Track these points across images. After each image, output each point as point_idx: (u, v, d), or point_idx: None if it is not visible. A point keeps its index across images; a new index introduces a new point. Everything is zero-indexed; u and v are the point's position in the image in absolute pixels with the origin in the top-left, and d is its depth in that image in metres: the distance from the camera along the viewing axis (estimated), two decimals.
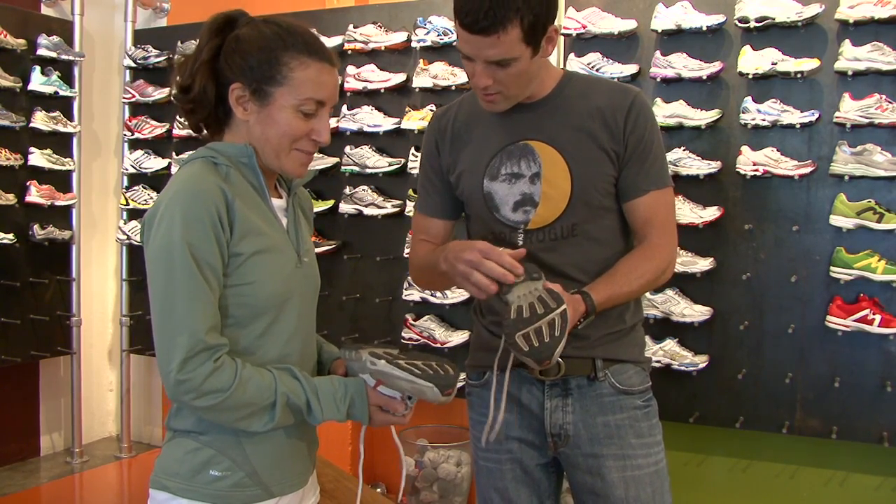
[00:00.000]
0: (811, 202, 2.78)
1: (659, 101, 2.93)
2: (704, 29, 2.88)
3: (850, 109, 2.66)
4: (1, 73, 3.83)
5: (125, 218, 4.21)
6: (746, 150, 2.81)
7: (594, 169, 1.66)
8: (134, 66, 4.19)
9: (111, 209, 4.49)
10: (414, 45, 3.39)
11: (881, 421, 2.71)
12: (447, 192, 1.80)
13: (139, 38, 4.27)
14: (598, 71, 2.99)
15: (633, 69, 2.98)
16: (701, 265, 2.87)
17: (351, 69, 3.49)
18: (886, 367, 2.70)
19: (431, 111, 3.27)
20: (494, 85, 1.58)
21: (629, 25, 2.99)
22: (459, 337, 3.25)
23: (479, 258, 1.50)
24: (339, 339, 3.38)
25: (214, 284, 1.29)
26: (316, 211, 3.08)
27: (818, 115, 2.72)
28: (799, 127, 2.75)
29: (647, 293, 2.85)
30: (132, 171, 4.15)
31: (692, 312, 2.88)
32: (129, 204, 4.15)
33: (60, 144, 4.11)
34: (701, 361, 2.88)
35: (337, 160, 3.51)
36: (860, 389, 2.74)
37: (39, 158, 3.97)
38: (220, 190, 1.30)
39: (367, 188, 3.46)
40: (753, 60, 2.78)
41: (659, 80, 2.95)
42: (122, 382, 4.34)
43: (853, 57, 2.66)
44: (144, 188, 4.13)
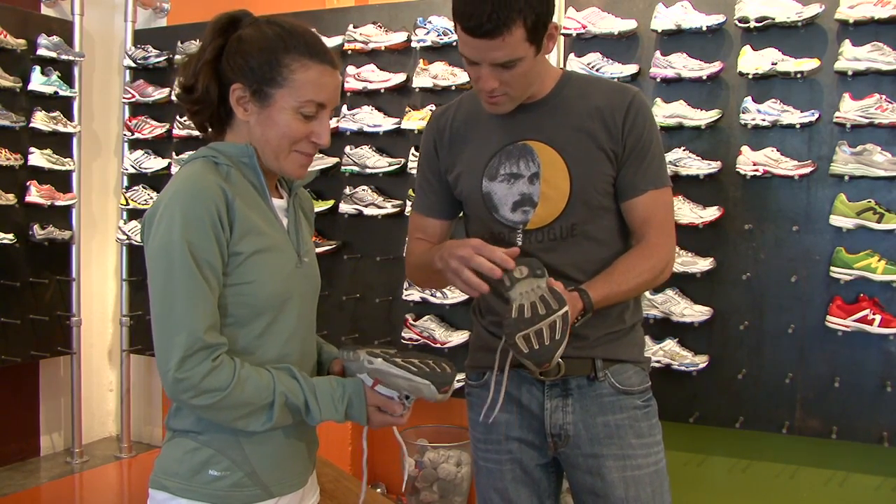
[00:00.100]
0: (811, 202, 2.78)
1: (659, 101, 2.93)
2: (704, 29, 2.88)
3: (850, 109, 2.66)
4: (1, 73, 3.84)
5: (125, 218, 4.21)
6: (746, 150, 2.81)
7: (593, 169, 1.66)
8: (134, 66, 4.19)
9: (111, 209, 4.49)
10: (414, 45, 3.39)
11: (881, 421, 2.71)
12: (445, 192, 1.80)
13: (139, 38, 4.27)
14: (598, 71, 2.99)
15: (633, 69, 2.98)
16: (701, 265, 2.87)
17: (351, 69, 3.49)
18: (886, 367, 2.70)
19: (431, 111, 3.27)
20: (500, 87, 1.58)
21: (629, 25, 2.99)
22: (459, 337, 3.25)
23: (470, 254, 1.50)
24: (339, 339, 3.39)
25: (214, 283, 1.29)
26: (316, 211, 3.08)
27: (818, 115, 2.72)
28: (799, 127, 2.75)
29: (646, 293, 2.86)
30: (132, 171, 4.15)
31: (692, 312, 2.88)
32: (129, 204, 4.15)
33: (60, 144, 4.11)
34: (701, 361, 2.88)
35: (337, 160, 3.51)
36: (860, 389, 2.74)
37: (39, 158, 3.97)
38: (220, 189, 1.30)
39: (367, 188, 3.46)
40: (753, 60, 2.78)
41: (659, 80, 2.95)
42: (122, 382, 4.34)
43: (853, 57, 2.66)
44: (144, 188, 4.14)
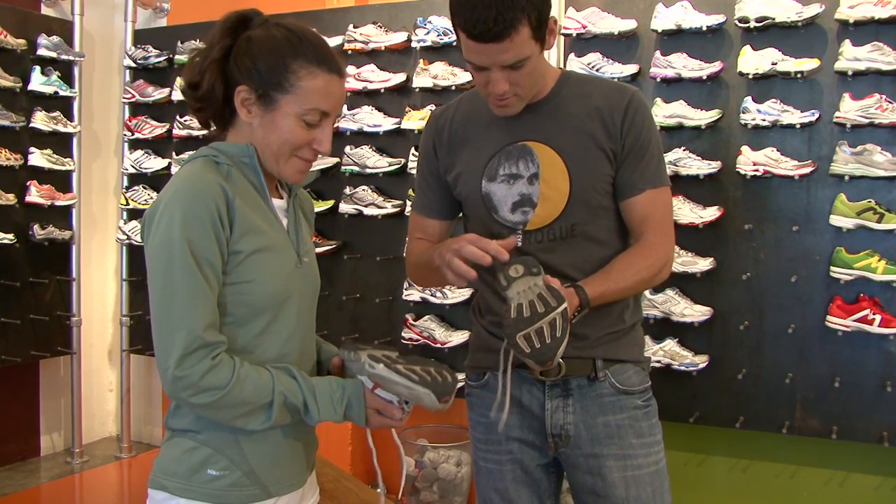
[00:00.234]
0: (811, 202, 2.78)
1: (659, 101, 2.93)
2: (704, 29, 2.88)
3: (850, 109, 2.66)
4: (1, 73, 3.84)
5: (125, 218, 4.21)
6: (746, 150, 2.81)
7: (593, 169, 1.66)
8: (134, 66, 4.19)
9: (111, 209, 4.49)
10: (414, 45, 3.39)
11: (881, 421, 2.71)
12: (444, 192, 1.79)
13: (139, 38, 4.27)
14: (598, 71, 2.99)
15: (633, 69, 2.98)
16: (701, 265, 2.87)
17: (351, 69, 3.49)
18: (886, 367, 2.70)
19: (431, 111, 3.27)
20: (511, 88, 1.58)
21: (629, 25, 2.99)
22: (459, 337, 3.25)
23: (463, 244, 1.51)
24: (339, 339, 3.39)
25: (213, 282, 1.29)
26: (316, 211, 3.08)
27: (818, 115, 2.72)
28: (799, 127, 2.75)
29: (646, 293, 2.86)
30: (132, 171, 4.15)
31: (692, 312, 2.88)
32: (129, 204, 4.16)
33: (60, 144, 4.11)
34: (701, 361, 2.88)
35: (337, 160, 3.51)
36: (860, 389, 2.73)
37: (39, 158, 3.97)
38: (220, 188, 1.31)
39: (367, 188, 3.46)
40: (753, 60, 2.78)
41: (659, 80, 2.95)
42: (122, 382, 4.34)
43: (853, 57, 2.66)
44: (144, 188, 4.14)
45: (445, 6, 1.58)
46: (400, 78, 3.42)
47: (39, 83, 3.98)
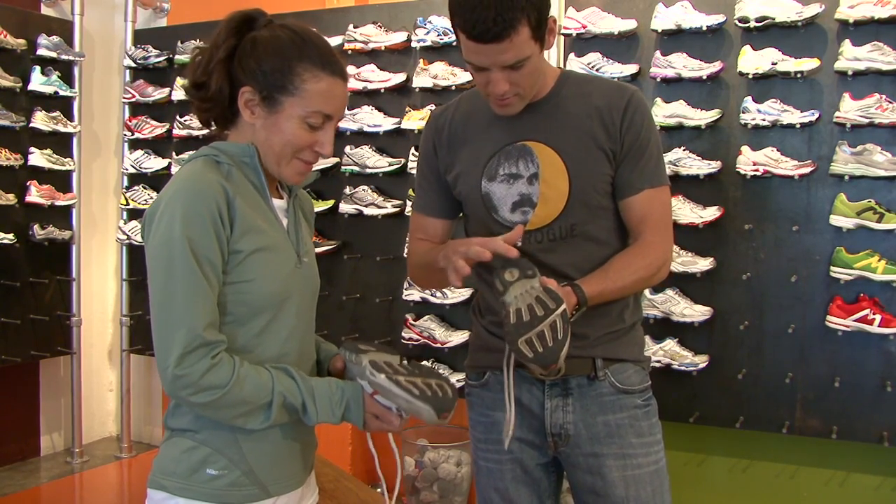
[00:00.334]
0: (811, 202, 2.78)
1: (659, 101, 2.93)
2: (704, 29, 2.88)
3: (850, 109, 2.66)
4: (1, 73, 3.84)
5: (125, 218, 4.21)
6: (746, 150, 2.81)
7: (592, 169, 1.66)
8: (134, 66, 4.19)
9: (111, 209, 4.49)
10: (414, 45, 3.39)
11: (881, 421, 2.71)
12: (445, 191, 1.79)
13: (139, 38, 4.27)
14: (598, 71, 2.99)
15: (633, 69, 2.98)
16: (701, 265, 2.87)
17: (351, 69, 3.49)
18: (886, 367, 2.70)
19: (431, 111, 3.27)
20: (511, 88, 1.58)
21: (629, 25, 2.99)
22: (459, 337, 3.25)
23: (470, 246, 1.50)
24: (339, 339, 3.38)
25: (214, 281, 1.29)
26: (316, 211, 3.08)
27: (818, 115, 2.72)
28: (799, 127, 2.75)
29: (646, 292, 2.86)
30: (132, 171, 4.15)
31: (692, 312, 2.88)
32: (129, 204, 4.15)
33: (60, 144, 4.11)
34: (701, 361, 2.88)
35: (337, 160, 3.51)
36: (860, 389, 2.73)
37: (39, 158, 3.97)
38: (221, 187, 1.31)
39: (367, 188, 3.46)
40: (753, 60, 2.78)
41: (659, 80, 2.95)
42: (122, 382, 4.34)
43: (853, 57, 2.66)
44: (144, 188, 4.14)
45: (445, 6, 1.58)
46: (400, 78, 3.42)
47: (39, 83, 3.98)
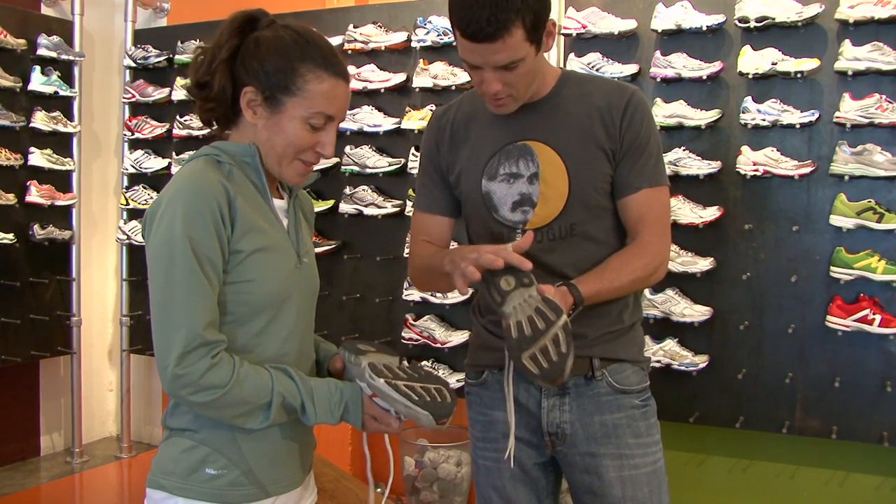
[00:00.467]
0: (811, 202, 2.78)
1: (659, 101, 2.93)
2: (704, 29, 2.88)
3: (850, 109, 2.66)
4: (1, 73, 3.84)
5: (125, 218, 4.21)
6: (746, 150, 2.81)
7: (592, 169, 1.66)
8: (134, 66, 4.19)
9: (111, 209, 4.49)
10: (414, 45, 3.39)
11: (881, 421, 2.71)
12: (448, 189, 1.79)
13: (139, 38, 4.27)
14: (598, 71, 2.98)
15: (633, 69, 2.98)
16: (701, 265, 2.87)
17: (351, 69, 3.46)
18: (886, 367, 2.70)
19: (431, 111, 3.27)
20: (505, 89, 1.58)
21: (629, 25, 2.99)
22: (459, 337, 3.25)
23: (482, 253, 1.48)
24: (339, 339, 3.39)
25: (214, 280, 1.29)
26: (316, 211, 3.08)
27: (818, 115, 2.72)
28: (799, 127, 2.75)
29: (646, 292, 2.86)
30: (132, 171, 4.15)
31: (692, 312, 2.88)
32: (129, 204, 4.15)
33: (60, 144, 4.11)
34: (701, 361, 2.88)
35: (337, 160, 3.51)
36: (860, 389, 2.73)
37: (39, 158, 3.97)
38: (221, 187, 1.31)
39: (367, 188, 3.46)
40: (753, 60, 2.78)
41: (659, 80, 2.95)
42: (122, 382, 4.34)
43: (853, 57, 2.66)
44: (144, 188, 4.14)
45: (445, 6, 1.58)
46: (400, 78, 3.42)
47: (39, 83, 3.98)
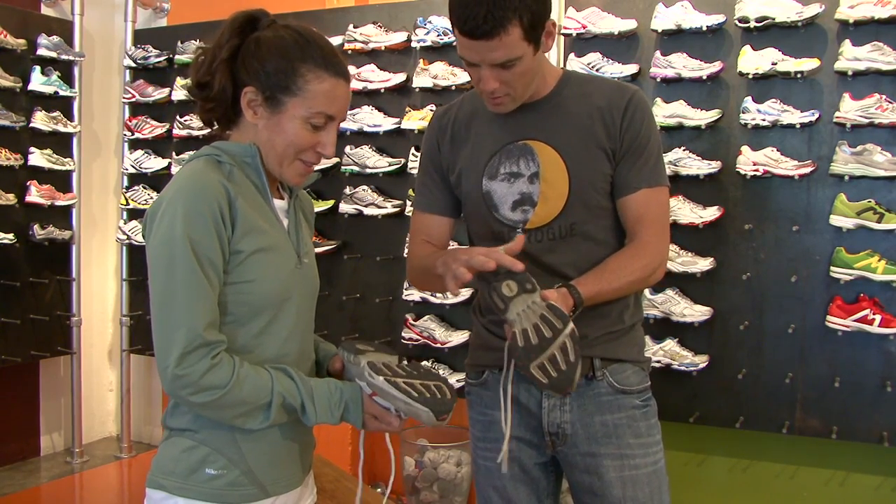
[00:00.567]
0: (811, 202, 2.78)
1: (659, 101, 2.93)
2: (704, 29, 2.88)
3: (850, 109, 2.66)
4: (1, 73, 3.84)
5: (125, 218, 4.21)
6: (746, 150, 2.81)
7: (592, 169, 1.66)
8: (134, 66, 4.19)
9: (111, 209, 4.49)
10: (414, 45, 3.39)
11: (881, 421, 2.71)
12: (448, 189, 1.79)
13: (139, 38, 4.27)
14: (598, 71, 2.99)
15: (633, 69, 2.98)
16: (701, 265, 2.87)
17: (351, 69, 3.47)
18: (886, 367, 2.70)
19: (431, 111, 3.27)
20: (502, 87, 1.58)
21: (629, 25, 2.99)
22: (459, 337, 3.25)
23: (474, 255, 1.47)
24: (339, 339, 3.39)
25: (215, 281, 1.29)
26: (316, 211, 3.08)
27: (818, 115, 2.72)
28: (799, 127, 2.75)
29: (646, 293, 2.86)
30: (132, 171, 4.15)
31: (692, 312, 2.88)
32: (129, 204, 4.16)
33: (60, 144, 4.11)
34: (701, 361, 2.88)
35: (337, 160, 3.51)
36: (860, 389, 2.73)
37: (39, 158, 3.97)
38: (222, 187, 1.31)
39: (367, 188, 3.46)
40: (753, 60, 2.78)
41: (659, 80, 2.95)
42: (122, 382, 4.34)
43: (853, 57, 2.66)
44: (144, 188, 4.14)
45: (445, 6, 1.58)
46: (400, 78, 3.42)
47: (39, 83, 3.98)
